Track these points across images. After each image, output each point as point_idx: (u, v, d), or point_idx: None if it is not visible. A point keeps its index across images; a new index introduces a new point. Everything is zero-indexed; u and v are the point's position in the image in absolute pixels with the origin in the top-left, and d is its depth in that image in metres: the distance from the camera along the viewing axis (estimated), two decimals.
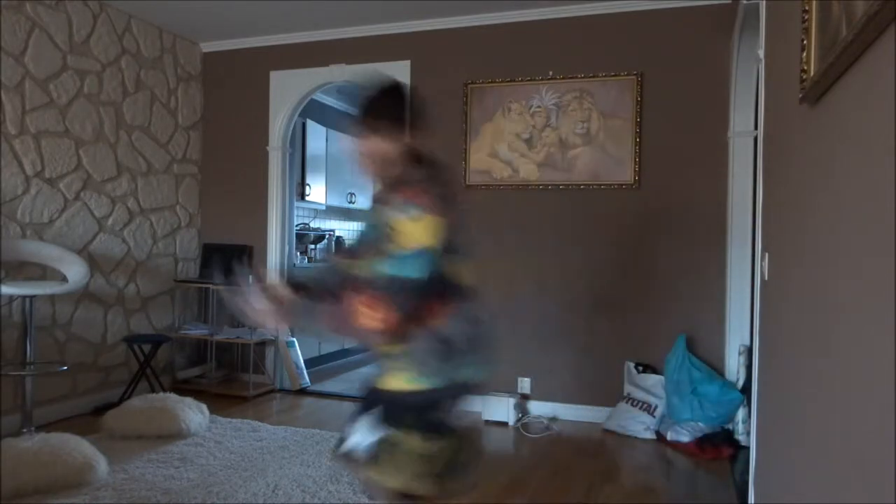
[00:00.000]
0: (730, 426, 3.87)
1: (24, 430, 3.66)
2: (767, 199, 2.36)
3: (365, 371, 5.95)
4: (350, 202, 6.90)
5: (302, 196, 6.01)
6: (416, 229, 1.57)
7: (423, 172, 1.70)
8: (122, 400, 4.31)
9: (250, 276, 1.75)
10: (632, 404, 4.09)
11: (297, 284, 1.81)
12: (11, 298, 3.80)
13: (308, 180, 6.07)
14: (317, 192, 6.25)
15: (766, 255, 2.30)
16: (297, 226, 5.95)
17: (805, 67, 1.42)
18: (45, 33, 4.04)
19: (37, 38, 3.99)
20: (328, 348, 6.14)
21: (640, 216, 4.27)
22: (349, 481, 3.10)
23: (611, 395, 4.28)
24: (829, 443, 1.24)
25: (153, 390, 4.50)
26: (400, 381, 1.67)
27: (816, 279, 1.40)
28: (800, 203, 1.63)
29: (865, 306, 1.00)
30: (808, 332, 1.50)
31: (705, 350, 4.13)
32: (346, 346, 6.46)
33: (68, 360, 4.17)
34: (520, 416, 4.34)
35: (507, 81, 4.52)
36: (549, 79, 4.44)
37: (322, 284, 1.83)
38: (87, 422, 4.09)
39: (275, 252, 5.16)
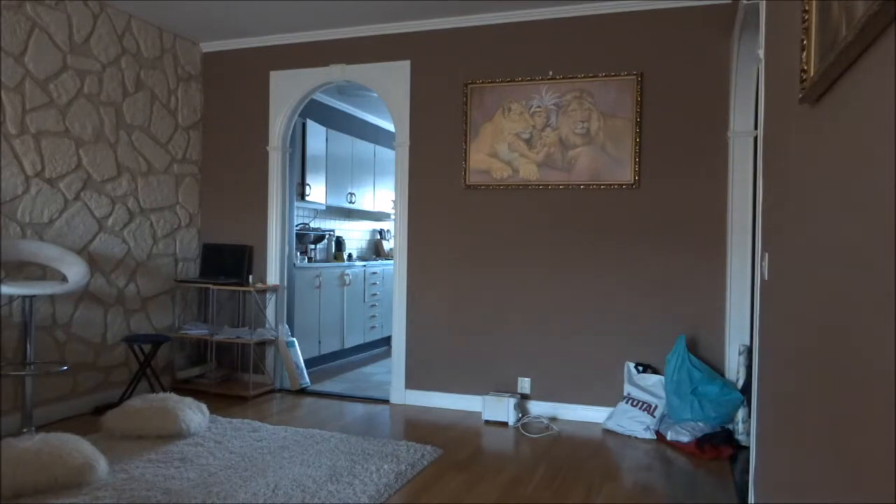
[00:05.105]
0: (730, 426, 3.87)
1: (24, 430, 3.67)
2: (767, 199, 2.36)
3: (365, 371, 5.95)
4: (350, 202, 6.91)
5: (302, 196, 6.01)
6: None
7: None
8: (122, 400, 4.32)
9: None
10: (632, 404, 4.09)
11: None
12: (11, 298, 3.81)
13: (308, 180, 6.07)
14: (317, 192, 6.25)
15: (766, 255, 2.30)
16: (297, 226, 5.95)
17: (805, 67, 1.42)
18: (45, 33, 4.05)
19: (37, 38, 4.00)
20: (328, 348, 6.14)
21: (640, 216, 4.27)
22: (349, 481, 3.11)
23: (611, 395, 4.29)
24: (828, 443, 1.24)
25: (153, 390, 4.50)
26: None
27: (816, 279, 1.40)
28: (800, 203, 1.63)
29: (865, 306, 1.00)
30: (807, 332, 1.50)
31: (705, 350, 4.13)
32: (347, 346, 6.46)
33: (68, 360, 4.18)
34: (520, 416, 4.35)
35: (507, 81, 4.52)
36: (549, 79, 4.44)
37: None
38: (87, 422, 4.10)
39: (275, 252, 5.16)
